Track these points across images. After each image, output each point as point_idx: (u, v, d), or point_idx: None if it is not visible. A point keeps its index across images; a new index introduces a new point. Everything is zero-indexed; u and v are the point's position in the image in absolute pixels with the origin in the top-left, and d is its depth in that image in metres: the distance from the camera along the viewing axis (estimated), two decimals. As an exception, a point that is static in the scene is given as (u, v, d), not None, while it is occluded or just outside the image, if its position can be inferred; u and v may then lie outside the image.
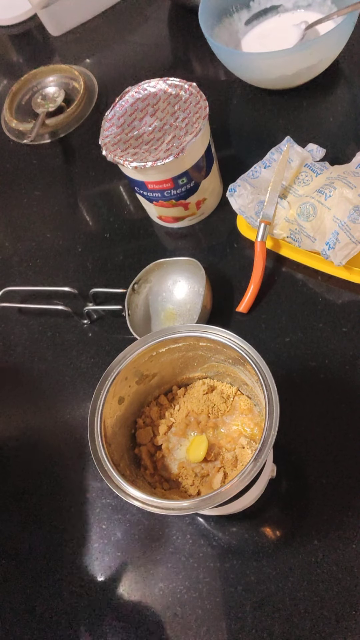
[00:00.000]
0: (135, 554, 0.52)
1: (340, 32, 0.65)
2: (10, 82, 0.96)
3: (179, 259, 0.62)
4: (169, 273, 0.64)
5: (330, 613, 0.46)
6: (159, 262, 0.62)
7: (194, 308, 0.62)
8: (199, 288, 0.62)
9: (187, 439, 0.49)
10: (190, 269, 0.62)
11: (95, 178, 0.78)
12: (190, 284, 0.63)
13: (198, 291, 0.62)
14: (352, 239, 0.54)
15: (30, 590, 0.53)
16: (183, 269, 0.63)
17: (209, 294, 0.60)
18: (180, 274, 0.64)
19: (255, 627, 0.47)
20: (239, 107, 0.78)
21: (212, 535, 0.51)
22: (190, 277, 0.63)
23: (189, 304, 0.63)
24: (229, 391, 0.50)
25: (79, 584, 0.52)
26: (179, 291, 0.64)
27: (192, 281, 0.63)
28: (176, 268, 0.63)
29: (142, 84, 0.61)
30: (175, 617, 0.49)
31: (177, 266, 0.63)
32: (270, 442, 0.39)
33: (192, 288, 0.63)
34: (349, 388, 0.54)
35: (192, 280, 0.63)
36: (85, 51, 0.95)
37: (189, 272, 0.63)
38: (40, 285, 0.71)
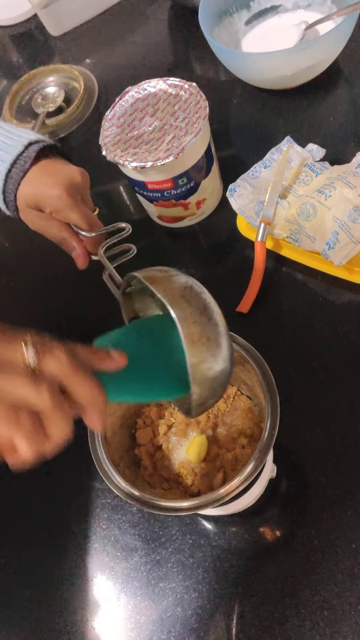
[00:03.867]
0: (135, 554, 0.52)
1: (340, 32, 0.65)
2: (10, 82, 0.96)
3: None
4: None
5: (330, 613, 0.46)
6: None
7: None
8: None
9: (187, 439, 0.49)
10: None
11: (95, 178, 0.77)
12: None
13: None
14: (352, 239, 0.54)
15: (31, 591, 0.53)
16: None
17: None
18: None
19: (255, 627, 0.47)
20: (239, 107, 0.78)
21: (212, 535, 0.51)
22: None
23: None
24: (229, 391, 0.50)
25: (79, 583, 0.52)
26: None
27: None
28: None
29: (142, 84, 0.61)
30: (175, 617, 0.49)
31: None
32: (271, 442, 0.39)
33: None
34: (349, 388, 0.54)
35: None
36: (85, 51, 0.95)
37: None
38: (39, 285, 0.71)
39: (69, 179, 0.51)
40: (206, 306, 0.38)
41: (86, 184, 0.54)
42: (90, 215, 0.52)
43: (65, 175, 0.52)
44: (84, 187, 0.53)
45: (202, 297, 0.38)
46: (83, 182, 0.53)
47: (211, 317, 0.37)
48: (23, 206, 0.54)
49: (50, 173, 0.52)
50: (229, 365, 0.36)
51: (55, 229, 0.54)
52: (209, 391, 0.35)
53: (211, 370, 0.35)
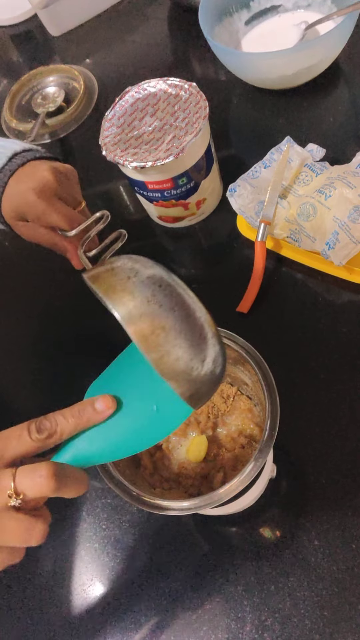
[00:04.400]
0: (135, 554, 0.52)
1: (340, 32, 0.65)
2: (10, 82, 0.96)
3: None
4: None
5: (330, 613, 0.46)
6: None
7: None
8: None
9: (187, 439, 0.49)
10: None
11: (95, 178, 0.78)
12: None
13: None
14: (352, 239, 0.54)
15: (30, 591, 0.53)
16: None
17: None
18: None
19: (255, 627, 0.47)
20: (239, 107, 0.78)
21: (212, 535, 0.51)
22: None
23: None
24: (229, 391, 0.50)
25: (79, 583, 0.52)
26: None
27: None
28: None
29: (142, 84, 0.61)
30: (175, 617, 0.49)
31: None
32: (271, 442, 0.39)
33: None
34: (349, 388, 0.54)
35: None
36: (85, 51, 0.95)
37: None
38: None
39: (40, 182, 0.50)
40: (164, 293, 0.32)
41: (65, 180, 0.52)
42: (69, 214, 0.50)
43: (37, 179, 0.50)
44: (60, 184, 0.51)
45: (158, 285, 0.32)
46: (56, 180, 0.50)
47: (171, 304, 0.32)
48: (11, 221, 0.53)
49: (23, 180, 0.50)
50: (207, 350, 0.32)
51: (45, 235, 0.53)
52: (191, 383, 0.32)
53: (180, 361, 0.31)
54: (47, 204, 0.49)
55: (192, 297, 0.34)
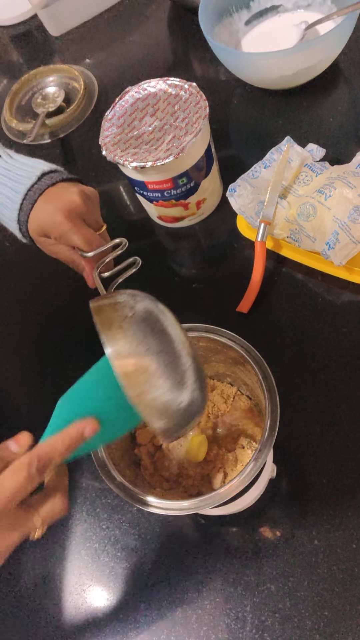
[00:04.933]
0: (135, 554, 0.52)
1: (340, 32, 0.65)
2: (10, 82, 0.96)
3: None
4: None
5: (330, 613, 0.46)
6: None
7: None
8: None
9: (187, 439, 0.49)
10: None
11: (95, 178, 0.78)
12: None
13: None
14: (352, 239, 0.54)
15: (30, 590, 0.53)
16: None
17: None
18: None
19: (255, 627, 0.47)
20: (239, 107, 0.78)
21: (212, 535, 0.51)
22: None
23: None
24: (229, 391, 0.50)
25: (79, 583, 0.52)
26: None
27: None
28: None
29: (142, 84, 0.61)
30: (175, 617, 0.49)
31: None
32: (271, 442, 0.39)
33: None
34: (349, 388, 0.54)
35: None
36: (85, 51, 0.95)
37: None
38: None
39: (68, 204, 0.52)
40: (155, 337, 0.35)
41: (90, 204, 0.54)
42: (90, 236, 0.53)
43: (65, 201, 0.53)
44: (87, 207, 0.54)
45: (151, 328, 0.35)
46: (84, 203, 0.53)
47: (158, 348, 0.34)
48: (34, 236, 0.56)
49: (52, 200, 0.53)
50: (185, 391, 0.34)
51: (65, 252, 0.55)
52: (167, 420, 0.34)
53: (157, 401, 0.34)
54: (72, 225, 0.52)
55: (182, 342, 0.36)
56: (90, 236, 0.53)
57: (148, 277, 0.68)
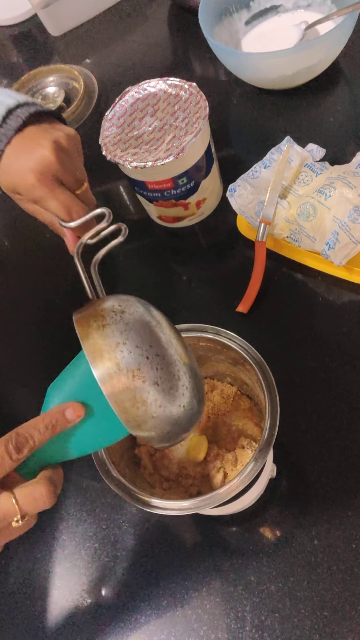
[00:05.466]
0: (135, 554, 0.52)
1: (340, 32, 0.65)
2: (10, 82, 0.96)
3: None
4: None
5: (330, 613, 0.46)
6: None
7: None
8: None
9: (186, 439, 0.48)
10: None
11: (95, 178, 0.78)
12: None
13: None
14: (352, 239, 0.54)
15: (29, 590, 0.53)
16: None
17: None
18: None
19: (255, 627, 0.47)
20: (239, 107, 0.78)
21: (212, 535, 0.51)
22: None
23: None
24: (229, 391, 0.50)
25: (79, 584, 0.52)
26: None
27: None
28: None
29: (142, 84, 0.61)
30: (175, 616, 0.49)
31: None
32: (271, 442, 0.39)
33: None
34: (349, 388, 0.54)
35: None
36: (85, 51, 0.95)
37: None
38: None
39: (40, 163, 0.45)
40: (152, 365, 0.33)
41: (67, 159, 0.47)
42: (69, 202, 0.46)
43: (37, 159, 0.45)
44: (62, 165, 0.46)
45: (146, 356, 0.33)
46: (59, 160, 0.46)
47: (155, 378, 0.33)
48: (6, 191, 0.49)
49: (21, 154, 0.46)
50: (178, 401, 0.34)
51: (42, 214, 0.50)
52: (156, 431, 0.34)
53: (147, 413, 0.33)
54: (47, 190, 0.46)
55: (176, 348, 0.35)
56: (68, 202, 0.46)
57: (148, 277, 0.69)
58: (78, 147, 0.50)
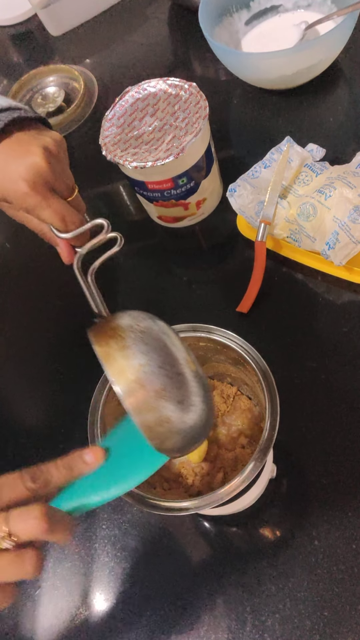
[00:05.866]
0: (135, 554, 0.52)
1: (340, 32, 0.65)
2: (10, 82, 0.96)
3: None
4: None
5: (330, 613, 0.46)
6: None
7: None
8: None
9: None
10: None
11: (95, 178, 0.78)
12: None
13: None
14: (352, 239, 0.54)
15: (29, 591, 0.53)
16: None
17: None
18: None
19: (255, 628, 0.47)
20: (239, 107, 0.78)
21: (212, 535, 0.51)
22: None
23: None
24: (229, 391, 0.50)
25: (79, 583, 0.52)
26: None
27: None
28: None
29: (142, 84, 0.61)
30: (175, 617, 0.49)
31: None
32: (271, 442, 0.39)
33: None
34: (349, 388, 0.54)
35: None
36: (85, 51, 0.95)
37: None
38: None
39: (32, 171, 0.43)
40: (175, 385, 0.34)
41: (58, 165, 0.45)
42: (64, 211, 0.45)
43: (28, 166, 0.43)
44: (54, 172, 0.44)
45: (169, 377, 0.34)
46: (51, 167, 0.44)
47: (179, 397, 0.34)
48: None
49: (11, 161, 0.44)
50: (191, 411, 0.34)
51: (33, 223, 0.48)
52: (176, 445, 0.34)
53: (176, 442, 0.34)
54: (41, 198, 0.44)
55: (185, 359, 0.36)
56: (63, 211, 0.44)
57: (148, 277, 0.69)
58: (65, 153, 0.48)
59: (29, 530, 0.32)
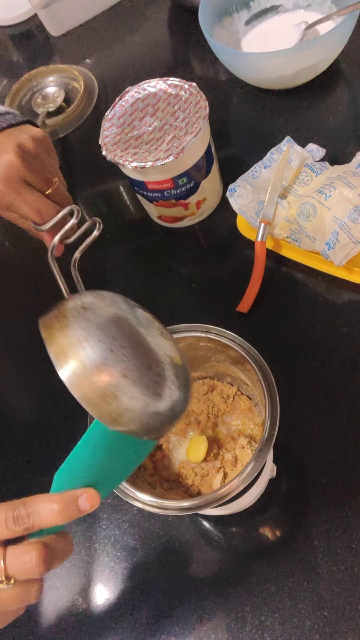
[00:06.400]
0: (135, 554, 0.52)
1: (340, 32, 0.65)
2: (10, 82, 0.96)
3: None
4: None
5: (330, 613, 0.46)
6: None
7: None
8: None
9: (187, 439, 0.49)
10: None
11: (95, 178, 0.78)
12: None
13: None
14: (352, 239, 0.54)
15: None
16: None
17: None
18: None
19: (255, 627, 0.47)
20: (239, 107, 0.78)
21: (212, 535, 0.51)
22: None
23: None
24: (229, 391, 0.50)
25: (79, 583, 0.52)
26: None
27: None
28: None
29: (142, 84, 0.61)
30: (175, 616, 0.49)
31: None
32: (271, 442, 0.39)
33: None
34: (349, 388, 0.54)
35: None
36: (85, 51, 0.95)
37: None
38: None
39: (5, 169, 0.45)
40: (116, 357, 0.32)
41: (32, 160, 0.47)
42: (39, 204, 0.46)
43: (2, 164, 0.45)
44: (27, 167, 0.46)
45: (109, 349, 0.32)
46: (24, 162, 0.46)
47: (123, 370, 0.32)
48: None
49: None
50: (162, 395, 0.32)
51: (17, 220, 0.50)
52: (136, 424, 0.32)
53: (127, 411, 0.31)
54: (15, 195, 0.46)
55: (155, 339, 0.34)
56: (38, 204, 0.46)
57: (148, 277, 0.69)
58: (47, 147, 0.50)
59: (27, 573, 0.31)
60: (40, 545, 0.31)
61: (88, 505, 0.32)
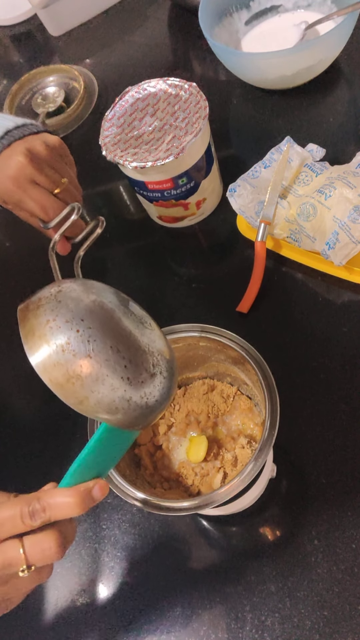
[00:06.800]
0: (135, 554, 0.52)
1: (340, 32, 0.65)
2: (10, 82, 0.96)
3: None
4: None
5: (330, 613, 0.46)
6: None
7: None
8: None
9: (187, 439, 0.49)
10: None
11: (95, 178, 0.78)
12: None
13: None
14: (352, 239, 0.54)
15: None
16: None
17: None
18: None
19: (255, 627, 0.47)
20: (239, 107, 0.78)
21: (212, 535, 0.51)
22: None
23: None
24: (229, 391, 0.50)
25: (79, 584, 0.52)
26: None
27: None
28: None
29: (142, 84, 0.61)
30: (175, 616, 0.49)
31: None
32: (271, 442, 0.39)
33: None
34: (349, 388, 0.54)
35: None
36: (85, 51, 0.95)
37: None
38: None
39: (14, 169, 0.48)
40: (81, 339, 0.32)
41: (40, 161, 0.50)
42: (45, 202, 0.49)
43: (11, 165, 0.48)
44: (35, 167, 0.49)
45: (75, 329, 0.32)
46: (31, 162, 0.49)
47: (87, 351, 0.31)
48: (1, 204, 0.53)
49: (3, 165, 0.49)
50: (141, 384, 0.32)
51: (28, 219, 0.52)
52: (104, 408, 0.32)
53: (102, 404, 0.32)
54: (22, 192, 0.49)
55: (139, 329, 0.34)
56: (44, 202, 0.49)
57: (148, 277, 0.69)
58: (61, 153, 0.53)
59: (46, 560, 0.33)
60: (57, 531, 0.33)
61: (100, 494, 0.34)
